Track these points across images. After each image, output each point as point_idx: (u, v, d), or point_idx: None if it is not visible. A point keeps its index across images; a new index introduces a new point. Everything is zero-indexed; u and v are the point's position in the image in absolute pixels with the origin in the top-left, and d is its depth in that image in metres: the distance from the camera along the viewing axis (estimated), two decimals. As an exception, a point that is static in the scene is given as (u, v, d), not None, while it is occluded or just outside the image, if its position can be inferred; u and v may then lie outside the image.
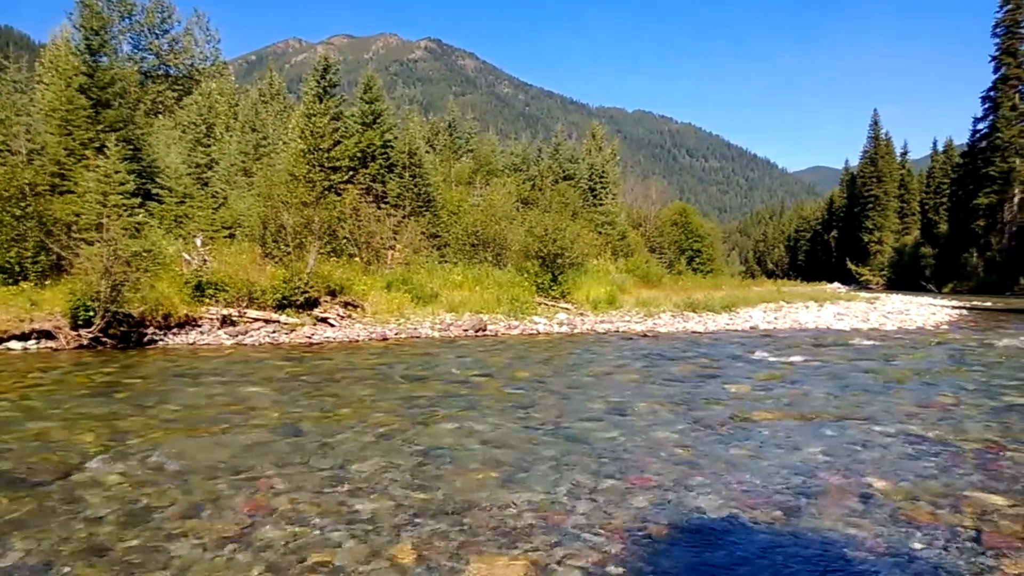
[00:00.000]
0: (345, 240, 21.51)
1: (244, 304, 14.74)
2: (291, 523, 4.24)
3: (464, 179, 35.00)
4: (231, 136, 27.73)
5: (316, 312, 15.36)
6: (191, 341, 13.46)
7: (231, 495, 4.72)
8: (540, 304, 19.34)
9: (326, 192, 22.33)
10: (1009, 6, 58.14)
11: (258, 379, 9.57)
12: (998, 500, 4.68)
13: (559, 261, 21.08)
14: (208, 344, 13.36)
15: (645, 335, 16.47)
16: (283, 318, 14.74)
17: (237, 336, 13.80)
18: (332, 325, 15.15)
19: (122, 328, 12.92)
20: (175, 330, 13.69)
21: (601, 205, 39.91)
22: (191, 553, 3.80)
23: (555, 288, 20.51)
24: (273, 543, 3.94)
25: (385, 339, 14.61)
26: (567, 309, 19.52)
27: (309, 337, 14.25)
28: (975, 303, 36.89)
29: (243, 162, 26.13)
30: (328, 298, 15.84)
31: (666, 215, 49.73)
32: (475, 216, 26.79)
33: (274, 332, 14.27)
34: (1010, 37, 57.97)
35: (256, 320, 14.56)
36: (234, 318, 14.42)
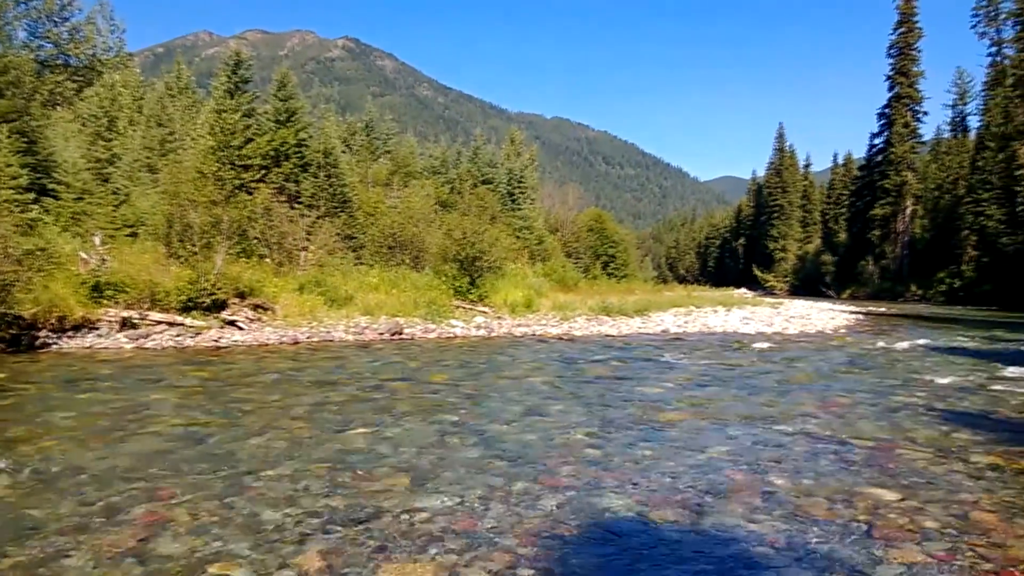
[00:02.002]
0: (256, 240, 20.90)
1: (146, 306, 14.12)
2: (191, 534, 4.07)
3: (381, 180, 34.56)
4: (135, 131, 26.52)
5: (224, 315, 14.86)
6: (88, 345, 12.78)
7: (127, 506, 4.50)
8: (458, 307, 19.27)
9: (236, 191, 21.68)
10: (902, 29, 61.57)
11: (159, 384, 9.18)
12: (888, 495, 4.92)
13: (477, 264, 21.07)
14: (107, 348, 12.72)
15: (561, 338, 16.63)
16: (188, 321, 14.20)
17: (138, 339, 13.20)
18: (241, 328, 14.69)
19: (12, 331, 12.18)
20: (71, 333, 12.98)
21: (519, 210, 40.08)
22: (83, 568, 3.60)
23: (473, 291, 20.47)
24: (171, 555, 3.78)
25: (297, 343, 14.27)
26: (485, 313, 19.52)
27: (216, 341, 13.77)
28: (871, 308, 38.87)
29: (148, 158, 25.04)
30: (237, 300, 15.36)
31: (583, 220, 50.30)
32: (392, 218, 26.47)
33: (178, 335, 13.72)
34: (903, 58, 61.38)
35: (159, 323, 13.96)
36: (135, 321, 13.79)
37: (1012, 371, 11.61)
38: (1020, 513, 4.54)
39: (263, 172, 25.14)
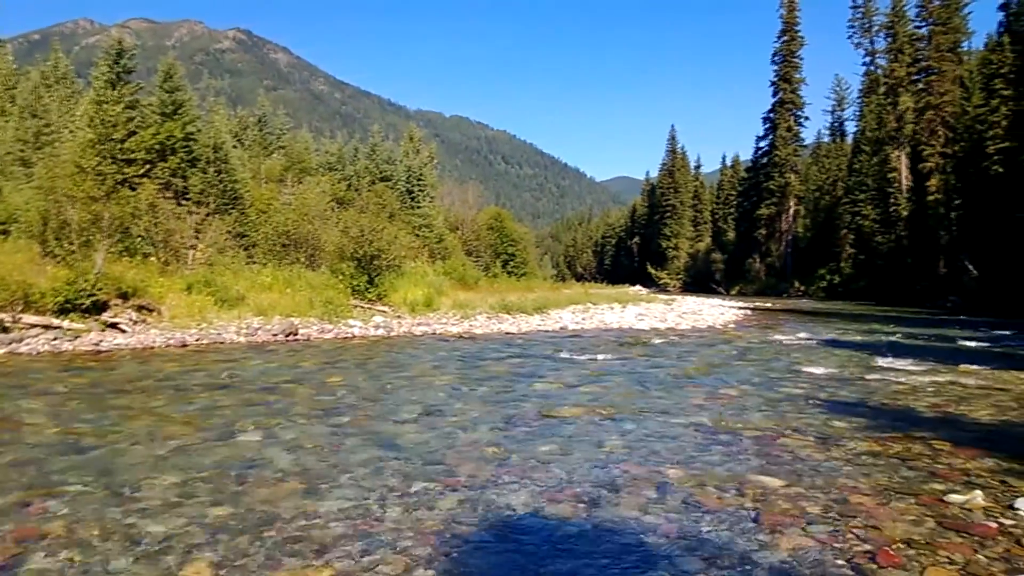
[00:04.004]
0: (140, 239, 19.86)
1: (19, 308, 13.17)
2: (68, 549, 3.82)
3: (275, 177, 33.57)
4: (7, 121, 24.82)
5: (105, 317, 14.03)
6: (-49, 350, 11.82)
7: (-7, 523, 4.16)
8: (356, 307, 18.90)
9: (118, 186, 20.54)
10: (785, 37, 64.78)
11: (32, 392, 8.56)
12: (775, 482, 5.12)
13: (376, 263, 20.71)
14: (-27, 353, 11.79)
15: (461, 336, 16.59)
16: (66, 324, 13.33)
17: (10, 344, 12.28)
18: (124, 331, 13.91)
19: None
20: (-70, 338, 11.96)
21: (419, 208, 39.73)
22: (-63, 594, 3.30)
23: (371, 290, 20.12)
24: (45, 572, 3.53)
25: (185, 345, 13.63)
26: (384, 312, 19.23)
27: (96, 344, 12.98)
28: (757, 304, 40.70)
29: (21, 151, 23.48)
30: (119, 301, 14.53)
31: (482, 219, 50.38)
32: (287, 215, 25.72)
33: (55, 339, 12.86)
34: (786, 65, 64.61)
35: (33, 326, 13.04)
36: (7, 324, 12.83)
37: (884, 361, 12.41)
38: (894, 495, 4.82)
39: (148, 167, 23.90)
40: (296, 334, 15.38)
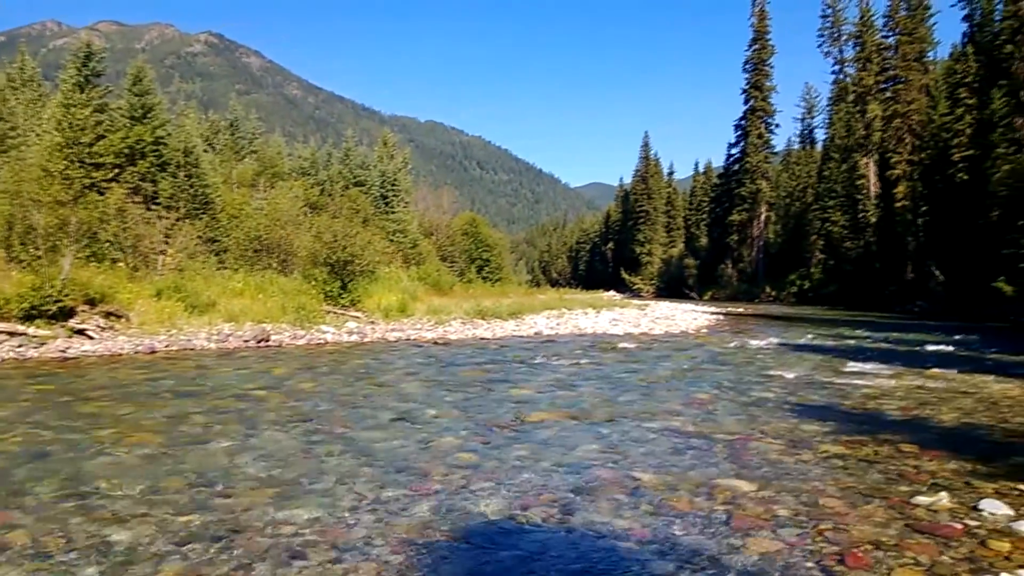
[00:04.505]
0: (108, 244, 19.56)
1: (-18, 314, 12.92)
2: (31, 560, 3.75)
3: (247, 181, 33.22)
4: (-30, 124, 24.34)
5: (72, 323, 13.80)
6: (-89, 358, 11.55)
7: (-47, 534, 4.07)
8: (329, 312, 18.78)
9: (86, 190, 20.24)
10: (756, 46, 65.56)
11: (-4, 399, 8.39)
12: (745, 486, 5.17)
13: (349, 268, 20.59)
14: (-66, 361, 11.54)
15: (435, 342, 16.54)
16: (31, 330, 13.08)
17: (-28, 351, 12.05)
18: (91, 338, 13.69)
19: None
20: None
21: (393, 213, 39.56)
22: None
23: (345, 296, 20.00)
24: (6, 586, 3.45)
25: (154, 352, 13.44)
26: (357, 317, 19.12)
27: (63, 351, 12.76)
28: (730, 309, 41.06)
29: (-15, 154, 23.02)
30: (87, 307, 14.30)
31: (457, 224, 50.34)
32: (259, 220, 25.46)
33: (20, 346, 12.61)
34: (757, 73, 65.36)
35: (-3, 333, 12.80)
36: (-31, 330, 12.59)
37: (853, 366, 12.59)
38: (863, 498, 4.88)
39: (116, 171, 23.53)
40: (268, 340, 15.24)
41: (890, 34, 49.04)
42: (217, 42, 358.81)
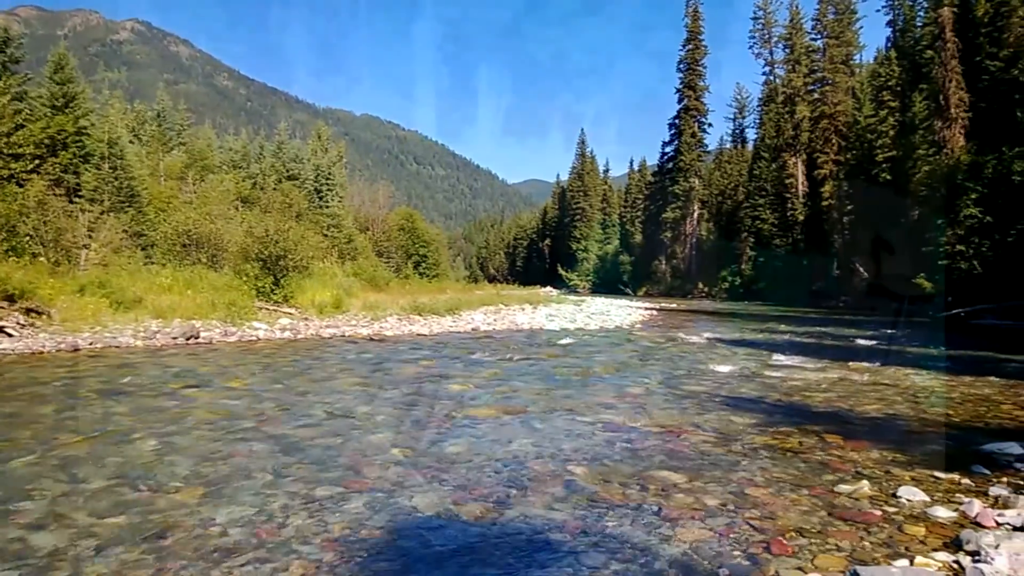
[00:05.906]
0: (28, 237, 18.76)
1: None
2: (-60, 570, 3.55)
3: (175, 174, 32.32)
4: None
5: (-13, 320, 13.20)
6: None
7: None
8: (261, 309, 18.39)
9: (4, 182, 19.38)
10: (690, 46, 66.79)
11: (-97, 401, 7.96)
12: (676, 477, 5.27)
13: (282, 264, 20.19)
14: None
15: (372, 339, 16.37)
16: (-58, 327, 12.47)
17: None
18: (10, 335, 13.10)
19: None
20: None
21: (327, 207, 39.00)
22: None
23: (277, 292, 19.61)
24: (-90, 597, 3.28)
25: (77, 349, 12.93)
26: (290, 314, 18.78)
27: (-23, 349, 12.19)
28: (663, 304, 41.84)
29: None
30: (5, 304, 13.69)
31: (394, 220, 49.96)
32: (187, 214, 24.79)
33: (-71, 344, 12.01)
34: (691, 73, 66.62)
35: (-96, 330, 12.15)
36: None
37: (780, 359, 12.97)
38: (787, 487, 5.03)
39: (37, 162, 22.63)
40: (197, 337, 14.84)
41: (818, 37, 50.64)
42: (144, 30, 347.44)
